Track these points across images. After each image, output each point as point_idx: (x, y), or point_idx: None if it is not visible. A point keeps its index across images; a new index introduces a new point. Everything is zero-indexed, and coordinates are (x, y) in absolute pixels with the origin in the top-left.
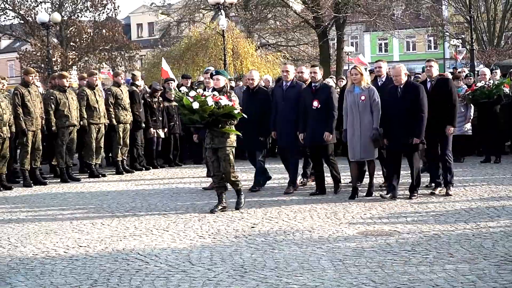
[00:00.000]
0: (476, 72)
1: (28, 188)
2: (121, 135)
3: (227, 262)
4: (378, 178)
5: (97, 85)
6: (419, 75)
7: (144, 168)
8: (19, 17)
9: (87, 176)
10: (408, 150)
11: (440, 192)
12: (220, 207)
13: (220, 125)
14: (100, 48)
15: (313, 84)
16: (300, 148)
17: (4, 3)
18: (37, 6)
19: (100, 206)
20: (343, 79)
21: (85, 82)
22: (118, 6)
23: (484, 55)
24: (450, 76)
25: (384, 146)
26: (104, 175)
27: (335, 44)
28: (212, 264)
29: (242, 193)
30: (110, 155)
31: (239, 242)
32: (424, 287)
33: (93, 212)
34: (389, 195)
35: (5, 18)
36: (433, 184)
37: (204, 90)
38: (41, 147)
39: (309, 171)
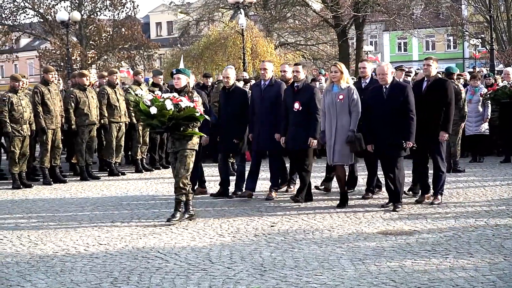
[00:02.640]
0: (496, 72)
1: (47, 186)
2: (141, 134)
3: (246, 260)
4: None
5: (117, 84)
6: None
7: (162, 167)
8: (39, 15)
9: (107, 174)
10: (393, 154)
11: (428, 199)
12: (187, 215)
13: (182, 129)
14: (119, 47)
15: (295, 84)
16: (279, 151)
17: (24, 1)
18: (57, 4)
19: (119, 204)
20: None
21: (104, 80)
22: (138, 5)
23: (504, 55)
24: (468, 77)
25: (364, 149)
26: (123, 174)
27: (354, 43)
28: (232, 263)
29: (181, 207)
30: (130, 153)
31: (259, 241)
32: (444, 287)
33: (112, 210)
34: (390, 204)
35: (24, 16)
36: (420, 191)
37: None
38: (61, 145)
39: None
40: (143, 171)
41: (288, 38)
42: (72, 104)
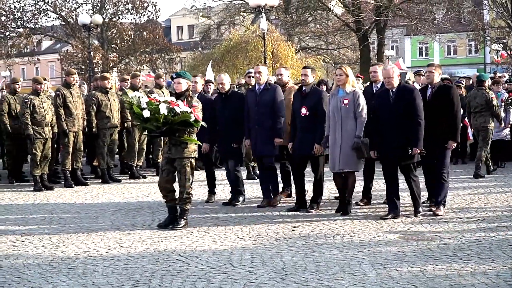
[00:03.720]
0: None
1: (69, 189)
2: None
3: (268, 264)
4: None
5: (140, 87)
6: (462, 81)
7: None
8: (60, 18)
9: (128, 177)
10: (401, 160)
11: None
12: (183, 222)
13: (177, 134)
14: (141, 50)
15: (303, 88)
16: (277, 156)
17: (46, 4)
18: (78, 7)
19: (140, 207)
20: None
21: (126, 84)
22: (159, 8)
23: None
24: (489, 82)
25: (370, 156)
26: (144, 177)
27: (376, 48)
28: (253, 266)
29: (186, 215)
30: (151, 156)
31: (280, 245)
32: None
33: (133, 213)
34: (390, 216)
35: (46, 19)
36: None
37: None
38: (82, 148)
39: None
40: None
41: (309, 42)
42: (94, 107)
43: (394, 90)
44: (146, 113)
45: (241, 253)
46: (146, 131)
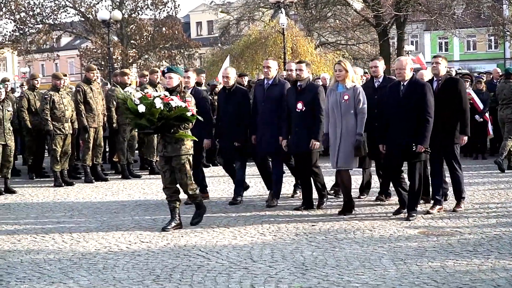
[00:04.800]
0: None
1: (89, 184)
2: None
3: (288, 259)
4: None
5: (158, 83)
6: (483, 76)
7: (203, 166)
8: (80, 14)
9: (148, 173)
10: (407, 158)
11: (439, 211)
12: (173, 224)
13: (172, 130)
14: (160, 46)
15: (298, 83)
16: (283, 155)
17: (65, 0)
18: (98, 3)
19: (161, 203)
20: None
21: (145, 79)
22: (179, 4)
23: None
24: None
25: (367, 154)
26: (207, 166)
27: (395, 43)
28: (274, 262)
29: (202, 207)
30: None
31: (300, 240)
32: None
33: (154, 208)
34: (403, 211)
35: (65, 15)
36: (432, 201)
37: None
38: (102, 144)
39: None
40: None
41: (329, 37)
42: (114, 102)
43: (405, 83)
44: (142, 108)
45: (262, 248)
46: (138, 128)
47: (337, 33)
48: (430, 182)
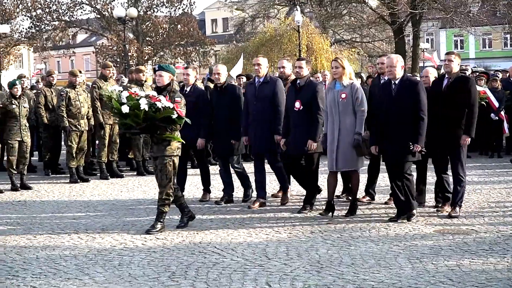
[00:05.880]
0: None
1: (105, 181)
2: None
3: (303, 257)
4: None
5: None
6: (498, 74)
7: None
8: (96, 11)
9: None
10: (400, 160)
11: (444, 210)
12: (185, 220)
13: (158, 131)
14: (175, 43)
15: (297, 82)
16: (279, 153)
17: None
18: (113, 0)
19: None
20: (416, 76)
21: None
22: (194, 1)
23: None
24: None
25: (370, 153)
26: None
27: (411, 40)
28: (289, 259)
29: (163, 218)
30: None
31: (315, 238)
32: (501, 287)
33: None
34: (405, 217)
35: (81, 12)
36: (440, 200)
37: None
38: (118, 140)
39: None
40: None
41: (344, 35)
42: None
43: (396, 82)
44: (125, 109)
45: (276, 245)
46: (124, 127)
47: (352, 30)
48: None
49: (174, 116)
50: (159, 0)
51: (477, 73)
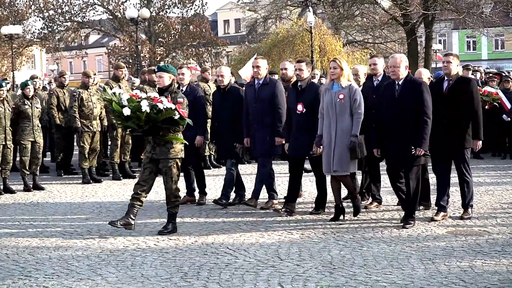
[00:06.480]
0: None
1: (117, 181)
2: (209, 131)
3: (315, 258)
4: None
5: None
6: (511, 74)
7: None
8: (108, 12)
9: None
10: (405, 164)
11: (443, 218)
12: (123, 222)
13: (161, 133)
14: (188, 44)
15: (299, 84)
16: (279, 154)
17: None
18: (126, 1)
19: None
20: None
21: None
22: (206, 2)
23: None
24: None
25: (364, 157)
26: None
27: (423, 41)
28: (301, 260)
29: (174, 219)
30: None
31: (327, 239)
32: None
33: (181, 206)
34: (402, 223)
35: (94, 13)
36: (436, 207)
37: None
38: (130, 141)
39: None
40: (211, 167)
41: (356, 36)
42: None
43: (400, 82)
44: (127, 111)
45: (289, 246)
46: (127, 130)
47: (365, 31)
48: (436, 187)
49: (177, 117)
50: (172, 1)
51: (490, 74)
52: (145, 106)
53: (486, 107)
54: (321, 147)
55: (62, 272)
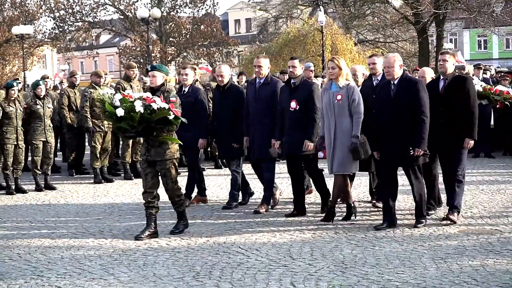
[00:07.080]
0: None
1: (129, 181)
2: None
3: (327, 257)
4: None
5: (197, 80)
6: None
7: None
8: (119, 12)
9: (186, 170)
10: (402, 163)
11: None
12: (147, 233)
13: (155, 133)
14: (199, 43)
15: (292, 81)
16: (275, 158)
17: None
18: (137, 1)
19: None
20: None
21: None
22: (217, 2)
23: None
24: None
25: (367, 157)
26: (203, 170)
27: (434, 40)
28: (313, 259)
29: (185, 216)
30: (209, 149)
31: (339, 238)
32: None
33: (192, 205)
34: (384, 224)
35: (105, 13)
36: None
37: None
38: (142, 141)
39: (306, 183)
40: (222, 167)
41: (367, 35)
42: None
43: (395, 82)
44: (120, 112)
45: (301, 246)
46: (120, 131)
47: (376, 30)
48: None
49: (171, 117)
50: (183, 1)
51: (501, 73)
52: (138, 107)
53: (498, 106)
54: (310, 145)
55: (74, 272)
